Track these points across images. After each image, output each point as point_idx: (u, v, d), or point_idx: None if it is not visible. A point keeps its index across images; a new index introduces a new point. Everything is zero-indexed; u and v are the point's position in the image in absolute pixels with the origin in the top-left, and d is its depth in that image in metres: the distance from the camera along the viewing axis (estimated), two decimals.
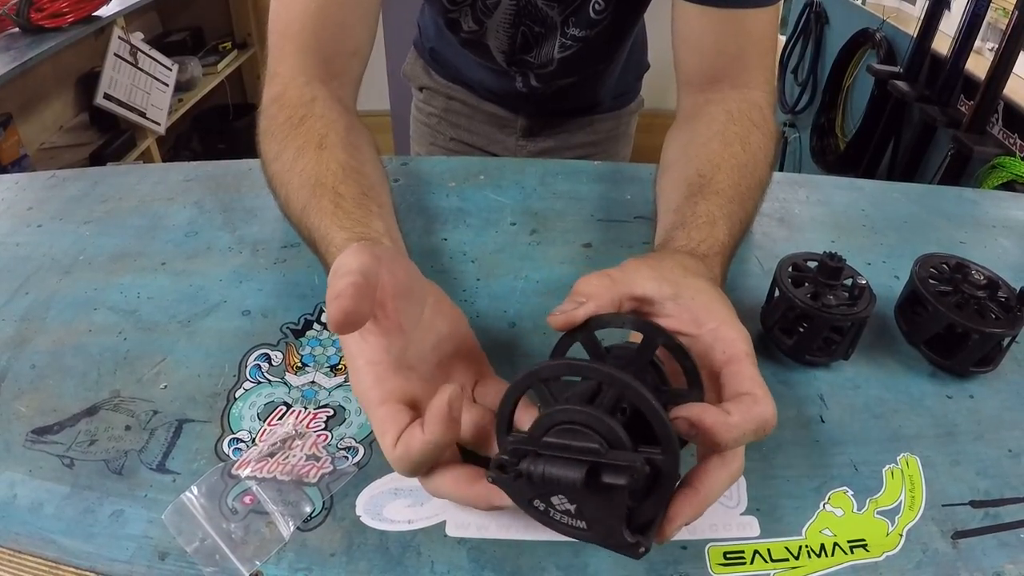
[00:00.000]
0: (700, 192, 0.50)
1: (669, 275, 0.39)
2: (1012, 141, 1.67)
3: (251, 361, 0.50)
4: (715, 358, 0.36)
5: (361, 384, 0.37)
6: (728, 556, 0.39)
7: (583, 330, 0.37)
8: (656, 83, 1.15)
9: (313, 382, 0.49)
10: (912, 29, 2.05)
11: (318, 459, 0.43)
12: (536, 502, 0.33)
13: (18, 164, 1.86)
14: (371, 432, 0.45)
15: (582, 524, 0.32)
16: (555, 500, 0.32)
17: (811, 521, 0.40)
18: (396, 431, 0.35)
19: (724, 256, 0.46)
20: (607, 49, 0.84)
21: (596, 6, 0.72)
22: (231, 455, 0.43)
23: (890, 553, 0.39)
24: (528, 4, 0.73)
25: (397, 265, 0.39)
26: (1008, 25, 1.60)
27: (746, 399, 0.34)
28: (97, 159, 2.03)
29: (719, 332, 0.36)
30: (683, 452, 0.36)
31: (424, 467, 0.35)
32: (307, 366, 0.50)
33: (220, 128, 2.68)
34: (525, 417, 0.36)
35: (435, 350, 0.41)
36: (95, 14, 1.94)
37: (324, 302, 0.55)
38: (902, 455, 0.45)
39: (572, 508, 0.32)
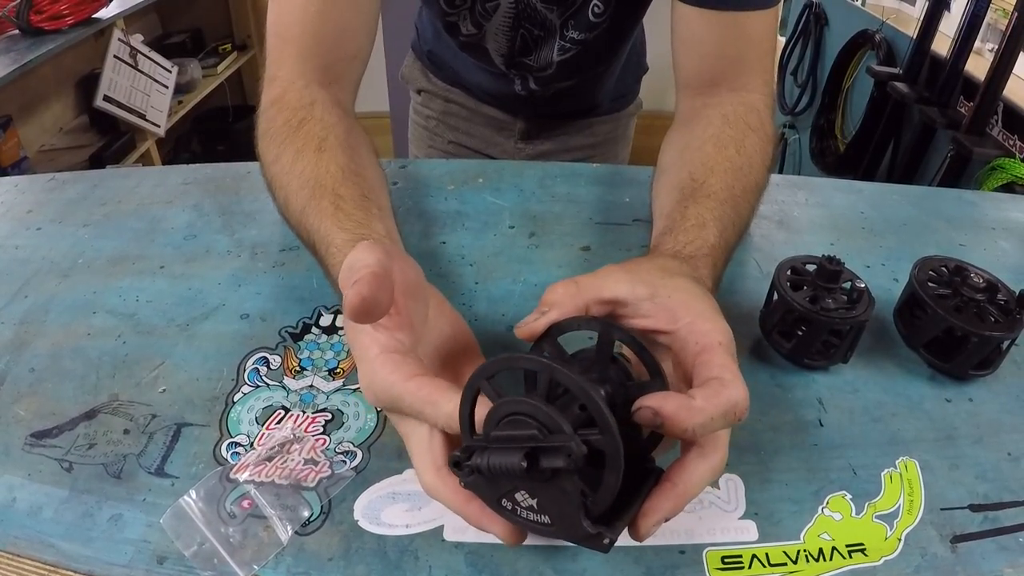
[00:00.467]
0: (692, 196, 0.50)
1: (645, 277, 0.39)
2: (1012, 143, 1.66)
3: (249, 365, 0.50)
4: (689, 351, 0.36)
5: (379, 373, 0.36)
6: (726, 560, 0.39)
7: (547, 338, 0.37)
8: (655, 85, 1.15)
9: (311, 386, 0.49)
10: (912, 30, 2.05)
11: (316, 463, 0.43)
12: (504, 501, 0.33)
13: (18, 166, 1.86)
14: (369, 436, 0.45)
15: (546, 519, 0.32)
16: (519, 497, 0.33)
17: (809, 525, 0.40)
18: (446, 390, 0.35)
19: (713, 258, 0.46)
20: (606, 52, 0.84)
21: (595, 8, 0.72)
22: (229, 459, 0.43)
23: (889, 557, 0.39)
24: (527, 7, 0.73)
25: (406, 264, 0.40)
26: (1008, 26, 1.60)
27: (713, 383, 0.33)
28: (97, 161, 2.03)
29: (694, 325, 0.36)
30: (669, 451, 0.36)
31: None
32: (305, 370, 0.50)
33: (220, 130, 2.68)
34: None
35: (439, 350, 0.42)
36: (95, 16, 1.94)
37: (323, 306, 0.56)
38: (901, 459, 0.44)
39: (534, 503, 0.32)
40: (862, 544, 0.39)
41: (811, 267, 0.51)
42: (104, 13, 1.97)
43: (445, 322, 0.43)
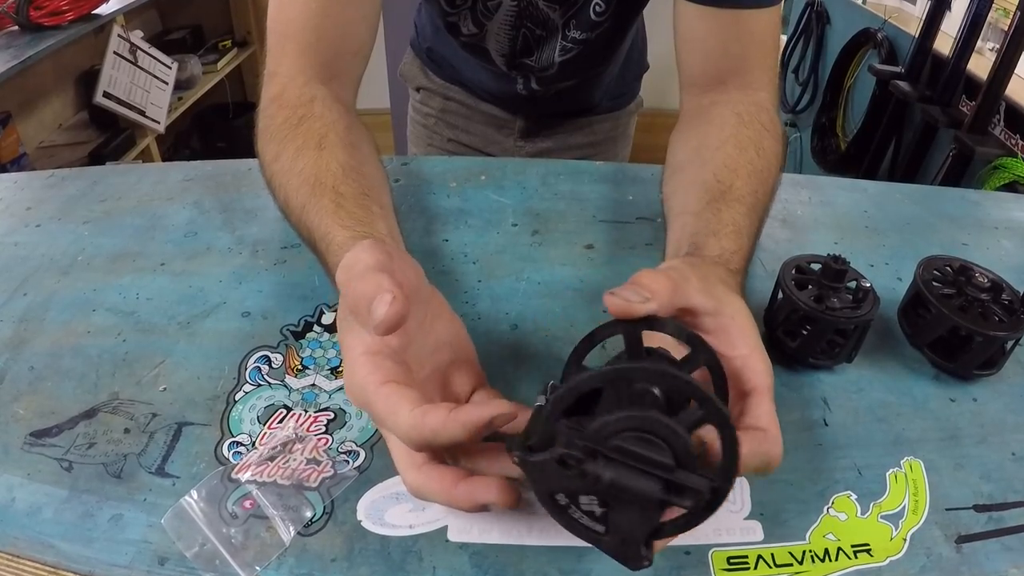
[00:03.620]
0: (722, 198, 0.49)
1: (713, 289, 0.38)
2: (1014, 142, 1.66)
3: (251, 363, 0.50)
4: (740, 386, 0.36)
5: (358, 373, 0.36)
6: (732, 561, 0.38)
7: (634, 325, 0.35)
8: (656, 83, 1.14)
9: (314, 385, 0.48)
10: (913, 29, 2.05)
11: (319, 463, 0.43)
12: (559, 496, 0.31)
13: (17, 163, 1.85)
14: (372, 435, 0.45)
15: (600, 528, 0.31)
16: (583, 499, 0.31)
17: (815, 525, 0.40)
18: (410, 403, 0.33)
19: (745, 271, 0.46)
20: (607, 51, 0.83)
21: (597, 7, 0.72)
22: (231, 459, 0.43)
23: (894, 558, 0.39)
24: (529, 6, 0.73)
25: (406, 264, 0.39)
26: (1010, 25, 1.60)
27: (758, 435, 0.34)
28: (96, 158, 2.02)
29: (749, 361, 0.36)
30: None
31: (434, 444, 0.33)
32: (307, 368, 0.50)
33: (220, 126, 2.68)
34: (521, 417, 0.35)
35: (433, 355, 0.41)
36: (94, 12, 1.93)
37: (325, 304, 0.55)
38: (906, 459, 0.44)
39: (599, 512, 0.31)
40: (867, 544, 0.39)
41: (816, 266, 0.51)
42: (104, 9, 1.96)
43: (443, 327, 0.42)
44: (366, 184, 0.50)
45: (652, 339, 0.37)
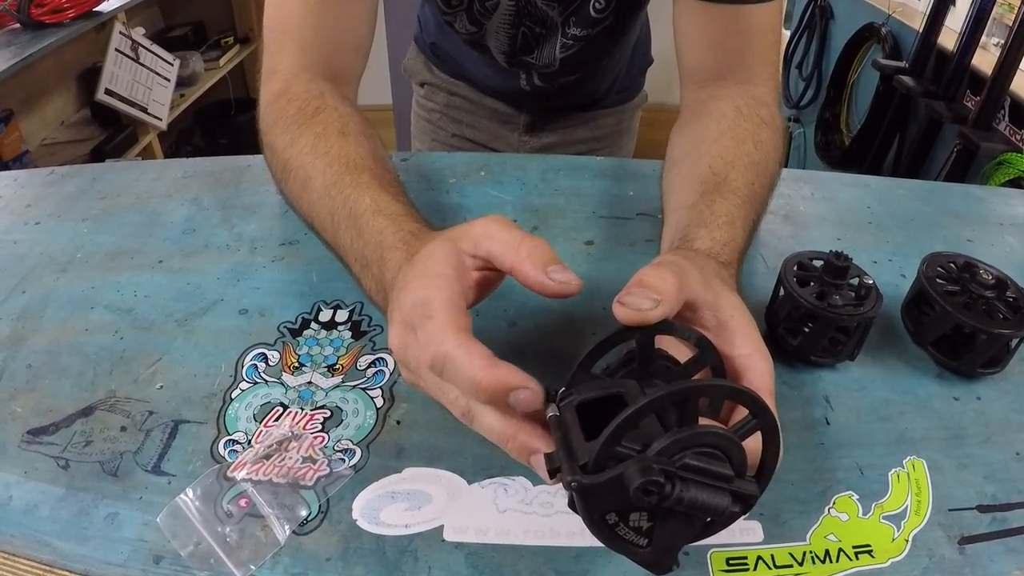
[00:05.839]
0: (716, 190, 0.49)
1: (711, 283, 0.37)
2: (1019, 137, 1.65)
3: (248, 361, 0.50)
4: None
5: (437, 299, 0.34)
6: (731, 562, 0.38)
7: (646, 332, 0.34)
8: (660, 77, 1.14)
9: (310, 382, 0.48)
10: (918, 24, 2.03)
11: (314, 461, 0.43)
12: (610, 516, 0.31)
13: (19, 160, 1.86)
14: (368, 433, 0.45)
15: (643, 541, 0.31)
16: (632, 516, 0.30)
17: (816, 526, 0.40)
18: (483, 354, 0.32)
19: (740, 262, 0.45)
20: (609, 47, 0.83)
21: (596, 5, 0.71)
22: (227, 457, 0.43)
23: (896, 559, 0.38)
24: (528, 4, 0.72)
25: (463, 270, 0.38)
26: (1015, 20, 1.58)
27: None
28: (98, 155, 2.02)
29: (751, 361, 0.35)
30: None
31: (498, 395, 0.32)
32: (304, 366, 0.49)
33: (222, 123, 2.68)
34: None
35: None
36: (96, 9, 1.93)
37: (322, 301, 0.55)
38: (908, 458, 0.44)
39: (646, 526, 0.30)
40: (869, 546, 0.39)
41: (818, 263, 0.50)
42: (105, 6, 1.97)
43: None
44: (395, 175, 0.50)
45: (660, 341, 0.36)
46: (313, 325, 0.53)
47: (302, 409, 0.46)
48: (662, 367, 0.35)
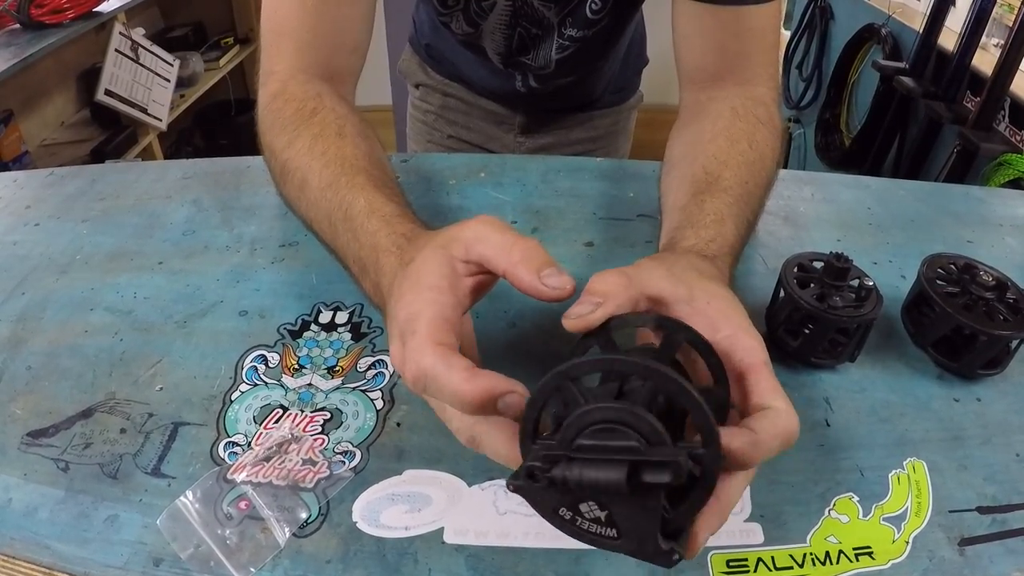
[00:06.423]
0: (707, 190, 0.49)
1: (683, 276, 0.37)
2: (1019, 138, 1.65)
3: (248, 363, 0.50)
4: (733, 366, 0.35)
5: (425, 314, 0.34)
6: (731, 564, 0.38)
7: (601, 332, 0.34)
8: (657, 78, 1.14)
9: (310, 384, 0.48)
10: (918, 24, 2.03)
11: (314, 463, 0.43)
12: (562, 511, 0.31)
13: (19, 160, 1.86)
14: (368, 436, 0.45)
15: (612, 532, 0.30)
16: (583, 508, 0.30)
17: (816, 528, 0.40)
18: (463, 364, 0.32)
19: (732, 256, 0.45)
20: (605, 48, 0.83)
21: (593, 6, 0.71)
22: (227, 459, 0.43)
23: (896, 561, 0.38)
24: (524, 5, 0.72)
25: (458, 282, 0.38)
26: (1015, 21, 1.58)
27: (770, 414, 0.32)
28: (98, 155, 2.02)
29: (736, 339, 0.35)
30: None
31: (479, 404, 0.32)
32: (304, 368, 0.49)
33: (222, 124, 2.67)
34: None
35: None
36: (96, 10, 1.93)
37: (322, 303, 0.55)
38: (908, 460, 0.44)
39: (602, 515, 0.30)
40: (869, 547, 0.39)
41: (818, 264, 0.50)
42: (105, 7, 1.96)
43: (465, 324, 0.41)
44: (391, 179, 0.50)
45: (646, 337, 0.36)
46: (313, 327, 0.53)
47: (302, 411, 0.46)
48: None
